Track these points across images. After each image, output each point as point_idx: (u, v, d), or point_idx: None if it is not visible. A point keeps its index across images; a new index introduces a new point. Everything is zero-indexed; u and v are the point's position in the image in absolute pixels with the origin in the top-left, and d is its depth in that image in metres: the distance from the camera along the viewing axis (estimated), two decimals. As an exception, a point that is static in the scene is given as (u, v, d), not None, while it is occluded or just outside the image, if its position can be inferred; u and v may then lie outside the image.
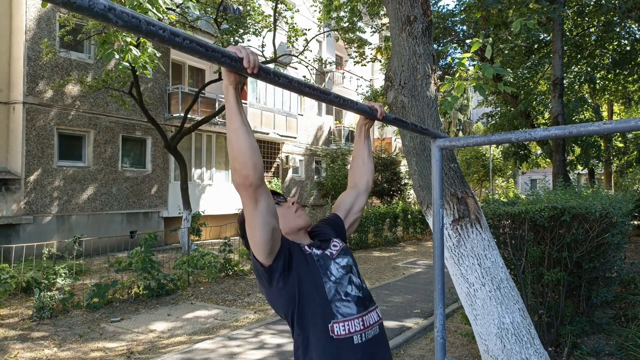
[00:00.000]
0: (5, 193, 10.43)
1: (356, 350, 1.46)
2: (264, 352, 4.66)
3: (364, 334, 1.50)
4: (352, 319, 1.50)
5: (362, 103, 1.56)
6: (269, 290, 1.52)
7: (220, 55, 0.90)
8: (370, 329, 1.54)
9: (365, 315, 1.55)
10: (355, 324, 1.50)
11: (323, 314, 1.47)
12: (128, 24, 0.61)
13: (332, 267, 1.56)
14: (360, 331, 1.50)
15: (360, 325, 1.51)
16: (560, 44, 8.89)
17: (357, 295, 1.55)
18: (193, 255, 8.03)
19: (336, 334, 1.46)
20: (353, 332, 1.48)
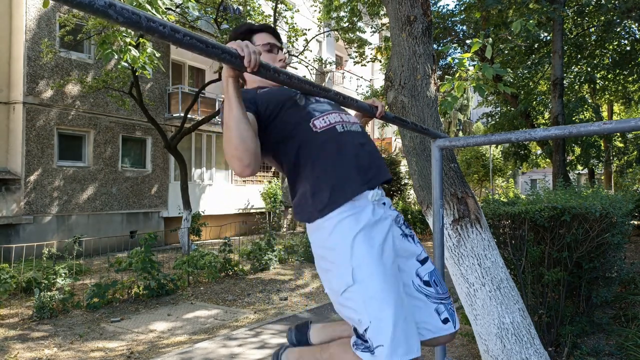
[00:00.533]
0: (5, 193, 10.43)
1: (341, 137, 1.45)
2: (264, 352, 4.66)
3: (345, 125, 1.49)
4: (329, 113, 1.50)
5: (362, 101, 1.57)
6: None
7: (220, 51, 0.90)
8: (351, 125, 1.52)
9: (342, 114, 1.54)
10: (334, 116, 1.50)
11: (302, 117, 1.47)
12: (128, 21, 0.61)
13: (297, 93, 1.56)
14: (340, 122, 1.49)
15: (339, 118, 1.50)
16: (560, 44, 8.89)
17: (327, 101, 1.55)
18: (193, 255, 8.03)
19: (318, 127, 1.45)
20: (334, 123, 1.48)
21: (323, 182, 1.40)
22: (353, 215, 1.37)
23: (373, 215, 1.41)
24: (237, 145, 1.26)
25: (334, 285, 1.36)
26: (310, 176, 1.42)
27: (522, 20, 4.50)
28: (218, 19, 11.56)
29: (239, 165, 1.29)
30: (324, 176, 1.40)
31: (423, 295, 1.48)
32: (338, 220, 1.37)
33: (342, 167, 1.41)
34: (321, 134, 1.44)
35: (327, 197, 1.38)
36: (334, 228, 1.36)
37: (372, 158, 1.49)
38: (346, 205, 1.38)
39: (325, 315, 6.04)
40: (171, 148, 11.41)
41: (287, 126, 1.46)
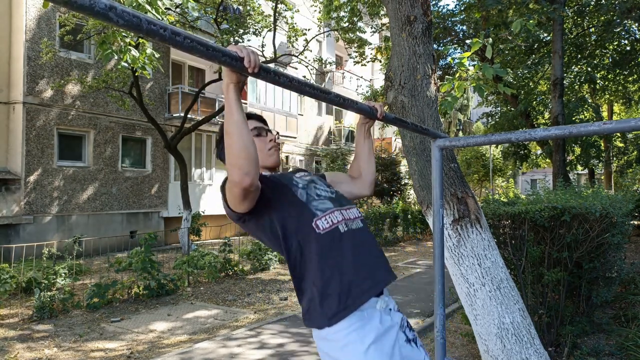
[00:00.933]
0: (5, 193, 10.43)
1: (344, 238, 1.47)
2: (264, 352, 4.66)
3: (346, 224, 1.51)
4: (332, 212, 1.51)
5: (362, 102, 1.56)
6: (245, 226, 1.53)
7: (220, 54, 0.90)
8: (352, 222, 1.54)
9: (343, 209, 1.55)
10: (336, 215, 1.51)
11: (303, 216, 1.47)
12: (129, 23, 0.61)
13: (295, 178, 1.59)
14: (342, 221, 1.50)
15: (341, 217, 1.51)
16: (560, 44, 8.89)
17: (328, 195, 1.57)
18: (193, 255, 8.03)
19: (322, 229, 1.45)
20: (336, 223, 1.48)
21: (330, 289, 1.41)
22: (362, 326, 1.39)
23: (381, 324, 1.43)
24: (238, 152, 1.25)
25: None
26: (316, 281, 1.43)
27: (522, 20, 4.50)
28: (218, 19, 11.56)
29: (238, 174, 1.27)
30: (330, 283, 1.41)
31: None
32: (348, 332, 1.39)
33: (348, 273, 1.42)
34: (325, 236, 1.45)
35: (336, 304, 1.39)
36: (345, 341, 1.38)
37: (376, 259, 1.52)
38: (355, 316, 1.40)
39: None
40: (171, 148, 11.41)
41: (290, 223, 1.47)
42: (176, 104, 13.83)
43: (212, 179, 15.68)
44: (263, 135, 1.67)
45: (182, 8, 10.99)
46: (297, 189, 1.54)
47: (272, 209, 1.47)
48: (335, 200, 1.56)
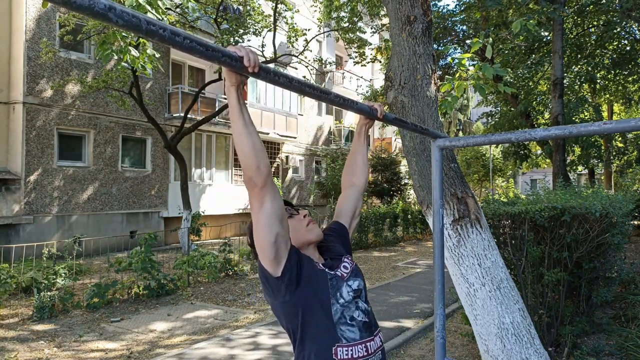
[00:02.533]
0: (5, 193, 10.43)
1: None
2: (264, 352, 4.66)
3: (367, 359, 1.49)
4: (356, 344, 1.47)
5: (362, 103, 1.56)
6: (274, 301, 1.49)
7: (220, 54, 0.90)
8: (373, 356, 1.51)
9: (369, 342, 1.52)
10: (359, 349, 1.48)
11: (327, 335, 1.44)
12: (128, 24, 0.61)
13: (343, 290, 1.52)
14: (363, 357, 1.48)
15: (364, 352, 1.49)
16: (560, 44, 8.88)
17: (363, 320, 1.52)
18: (193, 255, 8.03)
19: (339, 358, 1.43)
20: (356, 358, 1.46)
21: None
22: None
23: None
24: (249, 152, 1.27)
25: None
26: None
27: (522, 20, 4.50)
28: (218, 19, 11.56)
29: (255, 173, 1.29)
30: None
31: None
32: None
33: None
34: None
35: None
36: None
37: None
38: None
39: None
40: (171, 148, 11.41)
41: (310, 332, 1.45)
42: (176, 104, 13.82)
43: (212, 179, 15.68)
44: (295, 214, 1.65)
45: (182, 8, 10.99)
46: (336, 303, 1.49)
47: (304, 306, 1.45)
48: (366, 329, 1.53)
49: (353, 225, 1.86)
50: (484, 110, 20.09)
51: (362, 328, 1.51)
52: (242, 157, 1.29)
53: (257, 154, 1.29)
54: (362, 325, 1.51)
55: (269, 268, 1.41)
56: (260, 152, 1.30)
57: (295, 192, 19.55)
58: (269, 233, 1.35)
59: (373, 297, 7.07)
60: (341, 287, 1.52)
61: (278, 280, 1.42)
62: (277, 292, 1.44)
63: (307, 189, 20.19)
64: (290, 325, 1.49)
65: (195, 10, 6.65)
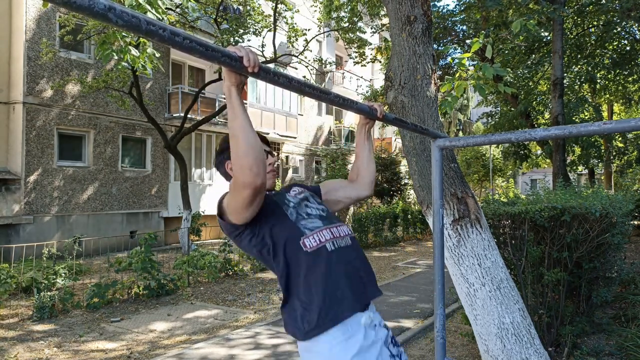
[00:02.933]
0: (5, 193, 10.43)
1: (331, 257, 1.48)
2: (264, 352, 4.66)
3: (335, 242, 1.52)
4: (320, 230, 1.53)
5: (362, 103, 1.56)
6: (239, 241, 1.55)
7: (220, 54, 0.90)
8: (341, 240, 1.55)
9: (333, 227, 1.56)
10: (324, 233, 1.52)
11: (291, 235, 1.50)
12: (128, 24, 0.61)
13: (287, 197, 1.63)
14: (330, 239, 1.52)
15: (329, 235, 1.53)
16: (560, 44, 8.88)
17: (318, 214, 1.59)
18: (193, 255, 8.03)
19: (309, 247, 1.48)
20: (324, 241, 1.50)
21: (312, 304, 1.43)
22: (345, 340, 1.42)
23: (365, 340, 1.45)
24: (245, 153, 1.27)
25: None
26: (299, 296, 1.46)
27: (522, 20, 4.50)
28: (218, 19, 11.56)
29: (249, 175, 1.28)
30: (312, 298, 1.44)
31: None
32: (331, 345, 1.41)
33: (331, 290, 1.44)
34: (311, 254, 1.47)
35: (315, 320, 1.42)
36: (328, 354, 1.41)
37: (362, 275, 1.53)
38: (338, 329, 1.42)
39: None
40: (171, 148, 11.41)
41: (278, 240, 1.50)
42: (176, 104, 13.83)
43: (212, 179, 15.68)
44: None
45: (182, 8, 10.99)
46: (288, 207, 1.57)
47: (264, 225, 1.51)
48: (325, 219, 1.58)
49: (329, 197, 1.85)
50: (484, 110, 20.08)
51: (322, 218, 1.57)
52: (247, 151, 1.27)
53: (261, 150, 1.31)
54: (319, 216, 1.58)
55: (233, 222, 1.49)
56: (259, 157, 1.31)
57: (295, 192, 19.53)
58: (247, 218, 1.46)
59: (373, 297, 7.06)
60: (285, 195, 1.64)
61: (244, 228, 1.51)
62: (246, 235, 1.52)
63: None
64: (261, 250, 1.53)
65: (195, 10, 6.64)
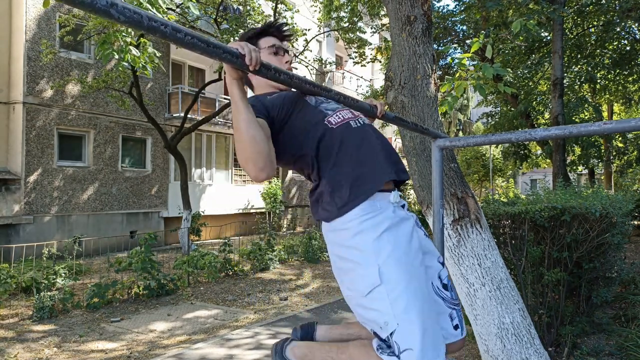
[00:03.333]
0: (5, 193, 10.43)
1: (357, 133, 1.46)
2: (264, 351, 4.66)
3: (357, 120, 1.50)
4: (341, 110, 1.51)
5: (362, 101, 1.56)
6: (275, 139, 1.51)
7: (221, 51, 0.90)
8: (362, 119, 1.53)
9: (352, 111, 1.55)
10: (346, 113, 1.51)
11: (316, 117, 1.47)
12: (130, 20, 0.61)
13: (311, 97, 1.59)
14: (353, 118, 1.50)
15: (351, 114, 1.51)
16: (560, 44, 8.89)
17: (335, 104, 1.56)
18: (193, 255, 8.02)
19: (334, 124, 1.45)
20: (347, 119, 1.48)
21: (343, 179, 1.37)
22: (376, 216, 1.35)
23: (395, 215, 1.39)
24: (248, 147, 1.24)
25: (359, 286, 1.31)
26: (329, 173, 1.40)
27: (522, 20, 4.50)
28: (218, 18, 11.56)
29: (253, 169, 1.26)
30: (343, 172, 1.38)
31: (441, 299, 1.45)
32: (360, 221, 1.34)
33: (361, 162, 1.40)
34: (337, 129, 1.44)
35: (347, 194, 1.35)
36: (357, 229, 1.33)
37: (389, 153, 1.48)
38: (367, 206, 1.35)
39: (326, 315, 6.04)
40: (171, 148, 11.41)
41: (304, 125, 1.45)
42: (176, 104, 13.83)
43: (212, 179, 15.68)
44: (280, 55, 1.68)
45: (183, 8, 10.99)
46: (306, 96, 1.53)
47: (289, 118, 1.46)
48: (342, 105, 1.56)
49: None
50: (484, 111, 20.08)
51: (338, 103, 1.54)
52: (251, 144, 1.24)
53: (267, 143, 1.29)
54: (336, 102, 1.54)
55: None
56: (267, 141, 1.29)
57: (295, 192, 19.55)
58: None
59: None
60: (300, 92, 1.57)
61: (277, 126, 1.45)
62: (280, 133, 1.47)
63: (307, 189, 20.18)
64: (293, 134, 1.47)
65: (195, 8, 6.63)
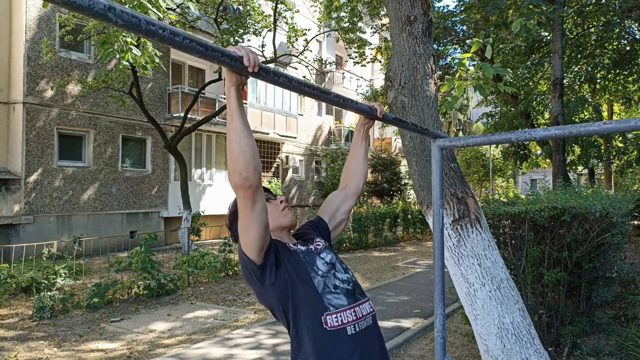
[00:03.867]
0: (5, 193, 10.43)
1: (350, 341, 1.46)
2: (264, 351, 4.66)
3: (357, 325, 1.50)
4: (344, 310, 1.50)
5: (361, 103, 1.56)
6: (261, 288, 1.53)
7: (220, 54, 0.90)
8: (363, 320, 1.54)
9: (357, 306, 1.55)
10: (348, 314, 1.50)
11: (315, 306, 1.48)
12: (128, 24, 0.61)
13: (317, 262, 1.58)
14: (353, 322, 1.50)
15: (353, 316, 1.51)
16: (560, 44, 8.88)
17: (346, 287, 1.56)
18: (193, 255, 8.03)
19: (329, 326, 1.46)
20: (346, 323, 1.48)
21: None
22: None
23: None
24: (237, 157, 1.29)
25: None
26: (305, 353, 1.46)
27: (522, 20, 4.50)
28: (218, 19, 11.56)
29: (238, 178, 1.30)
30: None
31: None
32: None
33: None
34: (330, 332, 1.46)
35: None
36: None
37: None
38: None
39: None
40: (171, 148, 11.41)
41: (299, 307, 1.49)
42: (176, 104, 13.83)
43: (212, 179, 15.68)
44: (272, 199, 1.71)
45: (182, 8, 10.99)
46: (316, 276, 1.54)
47: (289, 285, 1.49)
48: (351, 295, 1.56)
49: (335, 223, 1.86)
50: (484, 110, 20.09)
51: (348, 294, 1.54)
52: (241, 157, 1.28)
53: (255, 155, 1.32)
54: (347, 292, 1.55)
55: (254, 258, 1.46)
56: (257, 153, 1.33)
57: (295, 192, 19.55)
58: (260, 229, 1.41)
59: (373, 297, 7.07)
60: (315, 260, 1.58)
61: (263, 267, 1.48)
62: (263, 279, 1.49)
63: (307, 188, 20.20)
64: (280, 307, 1.53)
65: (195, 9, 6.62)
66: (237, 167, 1.29)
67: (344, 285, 1.56)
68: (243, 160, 1.28)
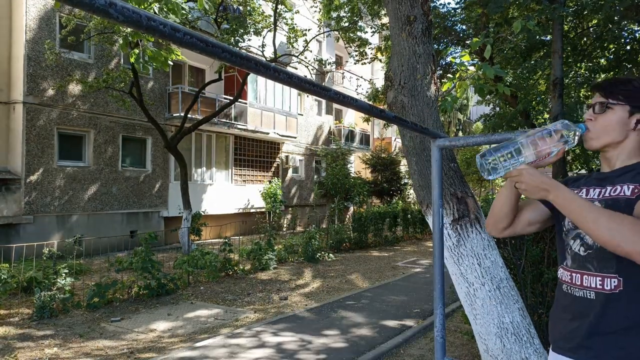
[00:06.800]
0: (6, 193, 10.44)
1: (565, 298, 1.50)
2: (264, 351, 4.67)
3: (569, 288, 1.48)
4: (564, 269, 1.52)
5: (361, 100, 1.56)
6: None
7: (220, 50, 0.90)
8: (579, 289, 1.44)
9: (576, 273, 1.46)
10: (564, 274, 1.51)
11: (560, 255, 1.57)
12: (129, 20, 0.61)
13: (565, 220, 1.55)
14: (567, 283, 1.49)
15: (568, 278, 1.49)
16: (560, 44, 8.89)
17: (576, 252, 1.48)
18: (193, 254, 8.03)
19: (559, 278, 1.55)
20: (562, 281, 1.52)
21: None
22: None
23: None
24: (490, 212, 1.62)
25: None
26: None
27: (522, 21, 4.50)
28: (218, 19, 11.57)
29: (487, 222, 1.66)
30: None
31: None
32: None
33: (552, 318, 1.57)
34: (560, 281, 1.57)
35: None
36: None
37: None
38: None
39: (325, 315, 6.04)
40: (171, 148, 11.42)
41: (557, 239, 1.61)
42: (176, 103, 13.83)
43: (213, 178, 15.69)
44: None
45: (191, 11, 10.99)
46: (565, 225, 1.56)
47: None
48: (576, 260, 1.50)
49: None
50: (483, 110, 20.09)
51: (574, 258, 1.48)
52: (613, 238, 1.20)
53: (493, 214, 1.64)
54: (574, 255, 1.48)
55: None
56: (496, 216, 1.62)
57: (295, 191, 19.55)
58: None
59: (373, 297, 7.08)
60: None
61: None
62: None
63: (307, 188, 20.20)
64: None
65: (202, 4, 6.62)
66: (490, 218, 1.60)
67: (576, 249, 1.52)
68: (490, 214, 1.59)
